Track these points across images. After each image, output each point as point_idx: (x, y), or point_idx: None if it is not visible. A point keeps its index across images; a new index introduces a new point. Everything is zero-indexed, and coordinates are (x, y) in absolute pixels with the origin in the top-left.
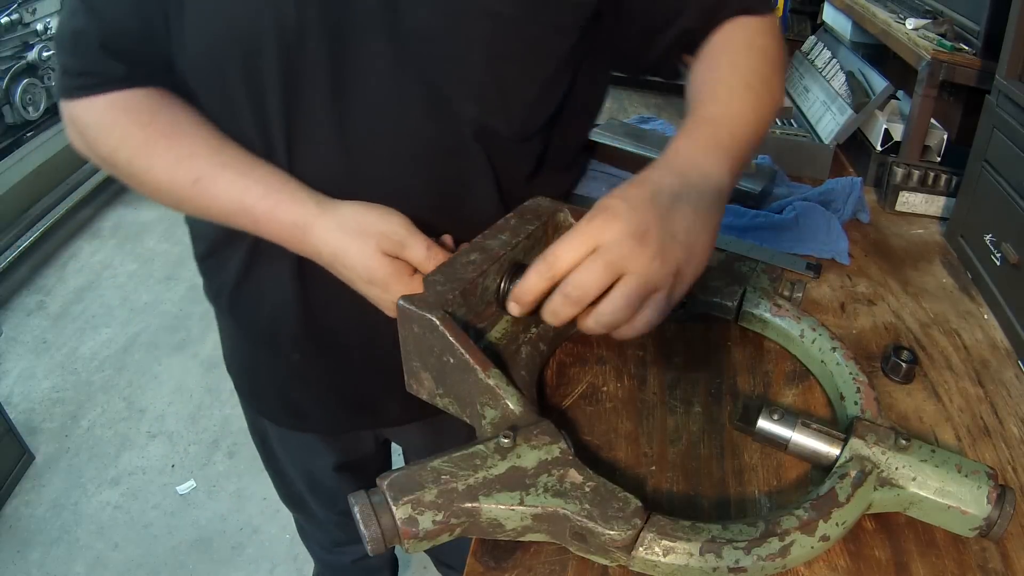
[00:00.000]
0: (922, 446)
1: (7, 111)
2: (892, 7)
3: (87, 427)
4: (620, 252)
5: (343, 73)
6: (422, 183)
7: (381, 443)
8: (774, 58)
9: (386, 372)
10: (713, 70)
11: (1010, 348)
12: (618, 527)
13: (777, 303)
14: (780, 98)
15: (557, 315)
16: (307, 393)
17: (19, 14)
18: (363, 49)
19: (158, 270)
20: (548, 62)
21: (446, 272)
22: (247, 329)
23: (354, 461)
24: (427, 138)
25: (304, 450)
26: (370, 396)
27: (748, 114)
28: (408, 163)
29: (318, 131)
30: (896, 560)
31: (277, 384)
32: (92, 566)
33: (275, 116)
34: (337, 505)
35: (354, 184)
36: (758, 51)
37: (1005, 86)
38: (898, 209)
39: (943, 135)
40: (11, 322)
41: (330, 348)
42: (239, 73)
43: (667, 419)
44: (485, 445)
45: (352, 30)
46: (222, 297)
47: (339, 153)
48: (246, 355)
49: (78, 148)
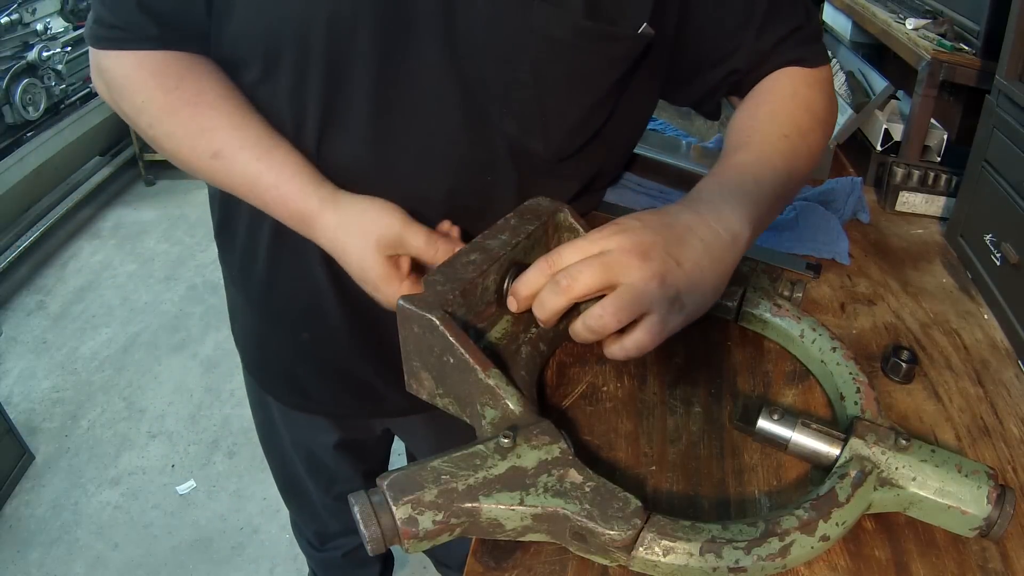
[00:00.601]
0: (922, 446)
1: (7, 111)
2: (892, 7)
3: (87, 427)
4: (619, 260)
5: (388, 70)
6: (447, 191)
7: (383, 430)
8: (819, 111)
9: (391, 362)
10: (752, 118)
11: (1010, 348)
12: (618, 527)
13: (777, 303)
14: (818, 152)
15: (544, 306)
16: (312, 373)
17: (19, 14)
18: (412, 49)
19: (158, 270)
20: (594, 90)
21: (446, 272)
22: (257, 304)
23: (355, 441)
24: (460, 148)
25: (307, 426)
26: (374, 384)
27: (779, 164)
28: (437, 169)
29: (353, 122)
30: (896, 560)
31: (283, 360)
32: (92, 566)
33: (312, 99)
34: (333, 488)
35: (379, 180)
36: (802, 102)
37: (1005, 86)
38: (898, 209)
39: (943, 135)
40: (11, 322)
41: (338, 331)
42: (287, 54)
43: (667, 419)
44: (485, 445)
45: (405, 28)
46: (235, 269)
47: (369, 147)
48: (254, 328)
49: (102, 96)
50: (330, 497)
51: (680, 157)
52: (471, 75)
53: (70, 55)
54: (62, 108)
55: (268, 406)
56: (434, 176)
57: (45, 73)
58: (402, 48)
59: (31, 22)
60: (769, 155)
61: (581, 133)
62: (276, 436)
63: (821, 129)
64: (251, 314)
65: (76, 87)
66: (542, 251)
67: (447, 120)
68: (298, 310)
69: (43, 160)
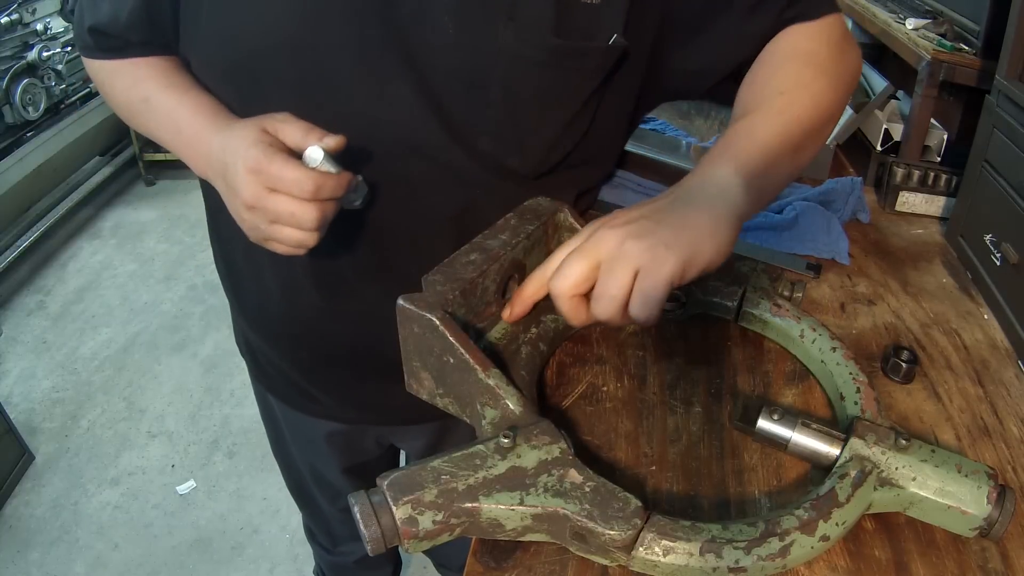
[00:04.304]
0: (922, 446)
1: (7, 111)
2: (892, 7)
3: (87, 427)
4: (598, 236)
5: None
6: (429, 206)
7: (387, 447)
8: (823, 61)
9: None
10: (749, 85)
11: (1010, 348)
12: (618, 527)
13: (777, 303)
14: (828, 100)
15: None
16: (314, 384)
17: (19, 14)
18: (377, 70)
19: (158, 270)
20: (569, 105)
21: (446, 272)
22: (253, 323)
23: (359, 465)
24: (440, 163)
25: (310, 448)
26: (376, 397)
27: (773, 118)
28: (418, 185)
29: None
30: (896, 560)
31: (285, 372)
32: (92, 566)
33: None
34: (340, 501)
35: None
36: (802, 58)
37: (1005, 86)
38: (898, 209)
39: (943, 135)
40: (11, 322)
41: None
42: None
43: (667, 419)
44: (485, 445)
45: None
46: (228, 282)
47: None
48: (253, 341)
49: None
50: (338, 509)
51: (680, 157)
52: (444, 94)
53: (70, 55)
54: (62, 108)
55: (276, 413)
56: (416, 190)
57: (45, 73)
58: (367, 71)
59: (31, 22)
60: (764, 113)
61: (558, 149)
62: (284, 444)
63: (826, 78)
64: (248, 328)
65: (76, 87)
66: (542, 251)
67: (425, 138)
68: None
69: (43, 160)
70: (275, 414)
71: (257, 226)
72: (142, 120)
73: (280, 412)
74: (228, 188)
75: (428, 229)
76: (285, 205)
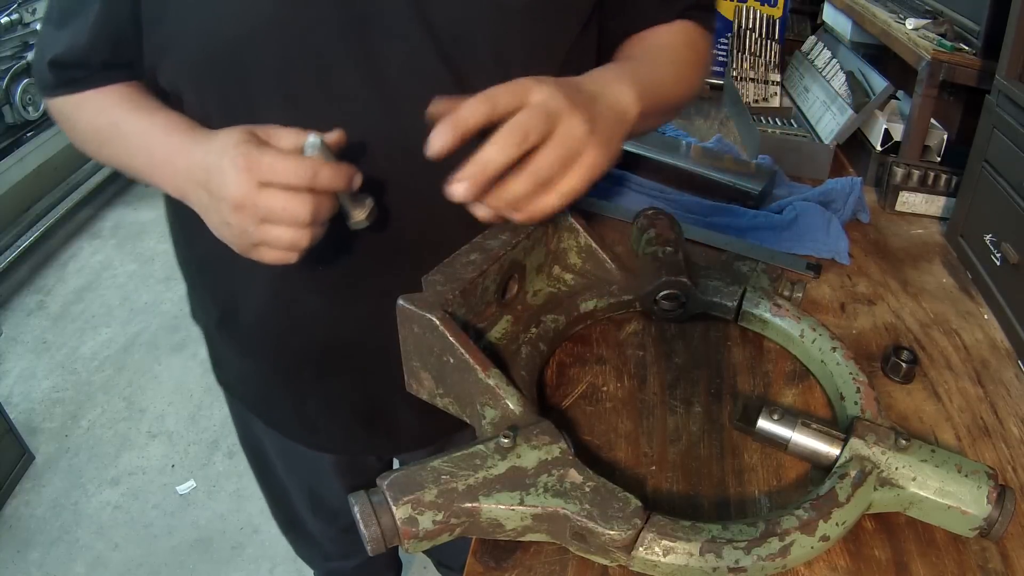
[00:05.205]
0: (922, 446)
1: (7, 111)
2: (892, 7)
3: (87, 427)
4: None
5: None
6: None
7: (387, 462)
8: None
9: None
10: (643, 39)
11: (1010, 348)
12: (618, 527)
13: (777, 303)
14: (696, 79)
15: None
16: (322, 409)
17: (19, 14)
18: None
19: (158, 270)
20: (551, 58)
21: (446, 272)
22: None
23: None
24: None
25: (310, 470)
26: (386, 414)
27: (666, 76)
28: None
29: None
30: (896, 560)
31: (291, 399)
32: (92, 566)
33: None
34: (337, 521)
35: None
36: (688, 41)
37: (1005, 86)
38: (898, 209)
39: (943, 135)
40: (11, 322)
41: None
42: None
43: (667, 419)
44: (485, 445)
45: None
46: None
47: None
48: (245, 369)
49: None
50: (334, 529)
51: (680, 157)
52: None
53: None
54: None
55: (260, 443)
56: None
57: None
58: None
59: (31, 22)
60: (660, 65)
61: None
62: (270, 474)
63: (699, 63)
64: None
65: None
66: (542, 251)
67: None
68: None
69: (43, 160)
70: (262, 446)
71: (245, 230)
72: (110, 148)
73: (271, 442)
74: (211, 196)
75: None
76: (277, 199)
